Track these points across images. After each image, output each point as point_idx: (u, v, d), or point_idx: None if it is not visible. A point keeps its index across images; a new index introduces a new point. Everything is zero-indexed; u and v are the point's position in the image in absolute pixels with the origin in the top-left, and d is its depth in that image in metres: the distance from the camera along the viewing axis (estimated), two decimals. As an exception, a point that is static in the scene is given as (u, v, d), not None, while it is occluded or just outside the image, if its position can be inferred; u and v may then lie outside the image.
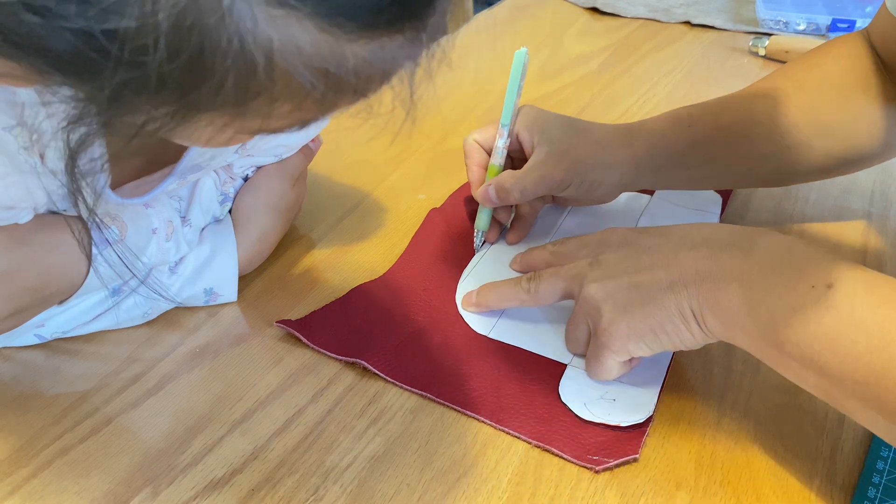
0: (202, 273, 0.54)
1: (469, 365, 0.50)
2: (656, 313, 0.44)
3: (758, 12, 1.06)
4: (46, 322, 0.50)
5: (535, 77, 0.92)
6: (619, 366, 0.47)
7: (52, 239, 0.46)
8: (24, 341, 0.51)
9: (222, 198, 0.57)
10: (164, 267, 0.52)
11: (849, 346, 0.38)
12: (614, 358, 0.46)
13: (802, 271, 0.40)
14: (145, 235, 0.50)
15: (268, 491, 0.42)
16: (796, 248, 0.42)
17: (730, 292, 0.41)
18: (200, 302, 0.55)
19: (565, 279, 0.49)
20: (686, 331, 0.44)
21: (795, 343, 0.39)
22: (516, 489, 0.43)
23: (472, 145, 0.62)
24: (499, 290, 0.53)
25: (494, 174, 0.59)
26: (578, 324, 0.48)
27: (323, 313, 0.54)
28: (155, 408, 0.47)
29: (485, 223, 0.60)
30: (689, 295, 0.43)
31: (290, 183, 0.59)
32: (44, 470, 0.43)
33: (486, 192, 0.58)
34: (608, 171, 0.58)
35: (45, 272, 0.46)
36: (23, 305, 0.47)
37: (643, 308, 0.44)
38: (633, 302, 0.44)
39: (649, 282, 0.44)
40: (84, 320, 0.51)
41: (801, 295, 0.39)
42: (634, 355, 0.46)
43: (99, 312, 0.51)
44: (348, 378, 0.50)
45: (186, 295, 0.54)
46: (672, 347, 0.45)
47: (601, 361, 0.47)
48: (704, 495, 0.43)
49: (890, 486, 0.43)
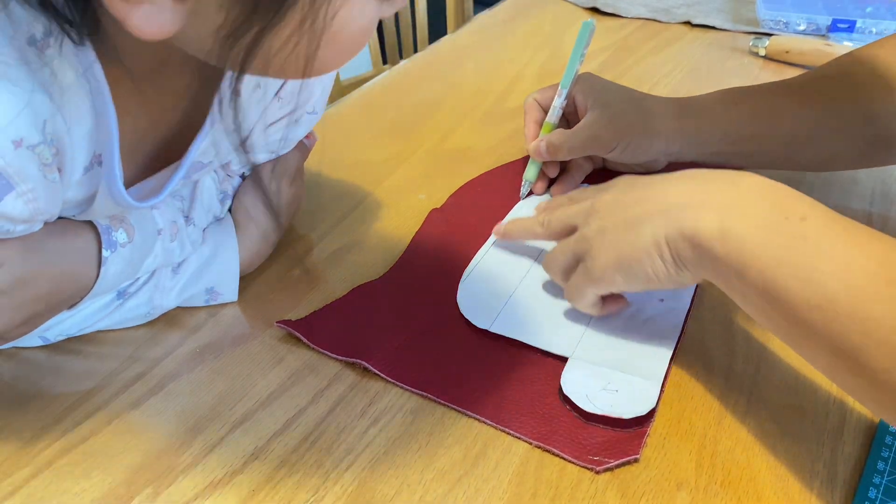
0: (203, 273, 0.54)
1: (469, 365, 0.50)
2: (634, 242, 0.45)
3: (758, 12, 1.06)
4: (52, 326, 0.50)
5: (536, 77, 0.92)
6: (594, 299, 0.50)
7: (64, 245, 0.46)
8: (28, 343, 0.51)
9: (222, 196, 0.57)
10: (167, 268, 0.52)
11: (810, 272, 0.38)
12: (593, 289, 0.49)
13: (779, 204, 0.42)
14: (151, 237, 0.50)
15: (268, 491, 0.42)
16: (779, 186, 0.43)
17: (706, 219, 0.42)
18: (201, 302, 0.55)
19: (572, 215, 0.51)
20: (659, 260, 0.44)
21: (760, 270, 0.40)
22: (517, 489, 0.43)
23: (532, 103, 0.68)
24: (521, 224, 0.58)
25: (548, 131, 0.65)
26: (566, 251, 0.50)
27: (323, 313, 0.54)
28: (156, 408, 0.47)
29: (533, 175, 0.66)
30: (666, 223, 0.44)
31: (287, 181, 0.60)
32: (44, 470, 0.43)
33: (538, 146, 0.64)
34: (654, 139, 0.63)
35: (57, 278, 0.46)
36: (36, 312, 0.47)
37: (624, 238, 0.46)
38: (619, 234, 0.46)
39: (635, 215, 0.46)
40: (89, 323, 0.51)
41: (773, 224, 0.41)
42: (612, 288, 0.48)
43: (104, 315, 0.51)
44: (349, 378, 0.50)
45: (188, 294, 0.54)
46: (645, 280, 0.46)
47: (581, 290, 0.50)
48: (705, 496, 0.43)
49: (891, 487, 0.43)
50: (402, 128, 0.80)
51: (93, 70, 0.39)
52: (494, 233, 0.60)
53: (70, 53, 0.38)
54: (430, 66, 0.95)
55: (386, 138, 0.78)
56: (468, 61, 0.96)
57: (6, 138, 0.36)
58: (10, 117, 0.36)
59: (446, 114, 0.83)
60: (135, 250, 0.49)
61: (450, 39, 1.04)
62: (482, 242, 0.61)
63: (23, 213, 0.39)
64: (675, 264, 0.44)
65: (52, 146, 0.39)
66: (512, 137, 0.78)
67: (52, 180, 0.40)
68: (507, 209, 0.65)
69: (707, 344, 0.52)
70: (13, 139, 0.36)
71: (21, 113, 0.36)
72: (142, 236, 0.49)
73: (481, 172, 0.71)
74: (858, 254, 0.38)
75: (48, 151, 0.38)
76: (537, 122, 0.67)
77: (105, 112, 0.41)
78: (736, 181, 0.44)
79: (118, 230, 0.48)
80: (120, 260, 0.48)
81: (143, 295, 0.52)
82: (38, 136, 0.37)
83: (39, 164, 0.38)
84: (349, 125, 0.81)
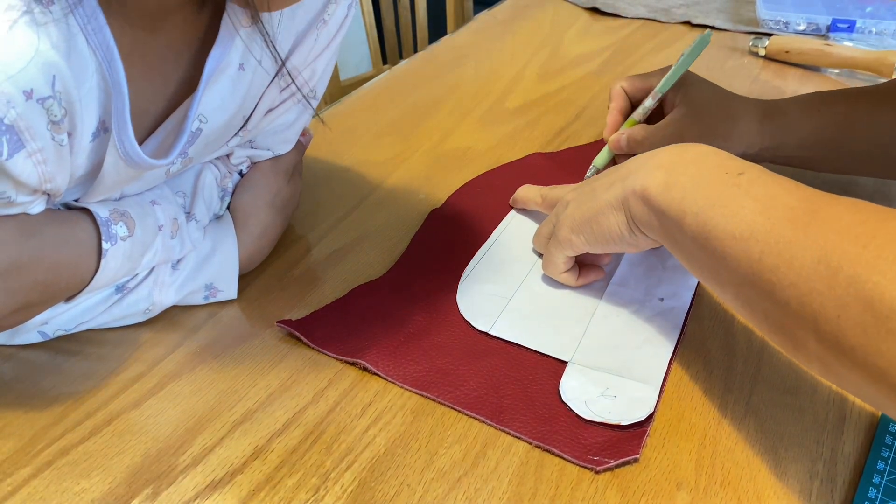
0: (203, 268, 0.54)
1: (469, 365, 0.50)
2: (595, 206, 0.50)
3: (758, 12, 1.06)
4: (50, 320, 0.50)
5: (535, 77, 0.92)
6: (565, 265, 0.54)
7: (63, 233, 0.46)
8: (26, 339, 0.51)
9: (222, 193, 0.57)
10: (166, 264, 0.52)
11: (737, 209, 0.41)
12: (559, 251, 0.54)
13: (721, 164, 0.45)
14: (151, 232, 0.50)
15: (268, 491, 0.42)
16: (723, 153, 0.47)
17: (654, 175, 0.46)
18: (200, 299, 0.55)
19: (566, 191, 0.56)
20: (615, 221, 0.49)
21: (696, 213, 0.43)
22: (517, 489, 0.43)
23: (619, 91, 0.68)
24: (526, 192, 0.64)
25: (631, 125, 0.65)
26: (548, 222, 0.56)
27: (323, 313, 0.54)
28: (155, 408, 0.47)
29: (602, 163, 0.67)
30: (623, 186, 0.48)
31: (285, 178, 0.60)
32: (44, 470, 0.43)
33: (619, 139, 0.65)
34: (735, 142, 0.64)
35: (54, 267, 0.46)
36: (31, 300, 0.46)
37: (588, 204, 0.51)
38: (583, 201, 0.52)
39: (600, 184, 0.51)
40: (88, 318, 0.51)
41: (713, 177, 0.44)
42: (576, 248, 0.53)
43: (103, 309, 0.51)
44: (348, 378, 0.50)
45: (187, 291, 0.54)
46: (604, 241, 0.50)
47: (552, 255, 0.55)
48: (705, 496, 0.43)
49: (890, 487, 0.43)
50: (402, 128, 0.80)
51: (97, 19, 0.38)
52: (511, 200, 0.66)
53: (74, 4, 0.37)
54: (430, 66, 0.95)
55: (386, 138, 0.78)
56: (468, 61, 0.96)
57: (17, 87, 0.35)
58: (19, 65, 0.35)
59: (446, 114, 0.83)
60: (135, 244, 0.49)
61: (450, 39, 1.04)
62: (482, 242, 0.61)
63: (31, 176, 0.38)
64: (627, 224, 0.48)
65: (62, 104, 0.38)
66: (512, 137, 0.78)
67: (60, 142, 0.39)
68: (506, 209, 0.65)
69: (707, 344, 0.52)
70: (24, 89, 0.35)
71: (31, 62, 0.35)
72: (142, 230, 0.49)
73: (481, 172, 0.71)
74: (783, 193, 0.41)
75: (58, 108, 0.37)
76: (621, 111, 0.67)
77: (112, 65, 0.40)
78: (685, 148, 0.48)
79: (118, 223, 0.48)
80: (120, 254, 0.48)
81: (142, 290, 0.52)
82: (47, 89, 0.36)
83: (48, 121, 0.37)
84: (349, 125, 0.81)
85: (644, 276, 0.57)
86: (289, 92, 0.57)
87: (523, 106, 0.84)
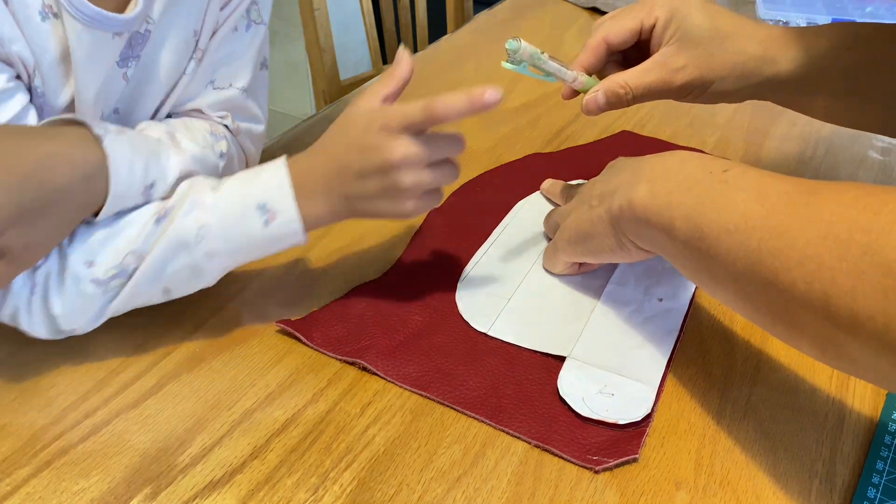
0: (248, 185, 0.49)
1: (469, 365, 0.50)
2: (588, 221, 0.51)
3: (758, 12, 1.06)
4: (95, 257, 0.46)
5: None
6: (565, 266, 0.56)
7: (45, 130, 0.45)
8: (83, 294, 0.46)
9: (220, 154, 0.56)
10: (203, 187, 0.49)
11: (727, 202, 0.41)
12: (562, 256, 0.56)
13: (703, 165, 0.45)
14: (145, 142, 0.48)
15: (267, 491, 0.42)
16: (705, 156, 0.47)
17: (638, 189, 0.46)
18: (258, 225, 0.48)
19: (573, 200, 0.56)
20: (606, 237, 0.50)
21: (685, 216, 0.43)
22: (516, 489, 0.43)
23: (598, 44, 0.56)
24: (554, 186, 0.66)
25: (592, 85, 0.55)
26: (554, 214, 0.59)
27: (323, 313, 0.54)
28: (155, 408, 0.47)
29: None
30: (609, 204, 0.49)
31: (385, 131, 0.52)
32: (43, 470, 0.43)
33: (594, 99, 0.54)
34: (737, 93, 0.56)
35: (44, 159, 0.42)
36: (27, 198, 0.42)
37: (584, 216, 0.52)
38: (581, 213, 0.52)
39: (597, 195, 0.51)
40: (134, 248, 0.47)
41: (697, 178, 0.44)
42: (576, 258, 0.55)
43: (151, 241, 0.47)
44: (348, 378, 0.50)
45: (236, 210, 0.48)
46: (599, 255, 0.52)
47: (553, 255, 0.57)
48: (704, 495, 0.43)
49: (890, 487, 0.43)
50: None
51: None
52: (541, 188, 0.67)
53: None
54: (430, 66, 0.95)
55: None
56: (468, 61, 0.96)
57: None
58: None
59: (446, 114, 0.83)
60: (135, 139, 0.47)
61: (450, 39, 1.04)
62: (482, 242, 0.61)
63: None
64: (618, 240, 0.49)
65: None
66: (512, 137, 0.78)
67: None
68: (506, 209, 0.65)
69: (707, 344, 0.52)
70: None
71: None
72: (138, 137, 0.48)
73: (481, 172, 0.71)
74: (774, 181, 0.41)
75: None
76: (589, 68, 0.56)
77: None
78: (664, 157, 0.48)
79: (105, 125, 0.46)
80: (125, 143, 0.45)
81: (187, 220, 0.47)
82: None
83: None
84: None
85: (643, 276, 0.57)
86: (230, 9, 0.56)
87: (523, 106, 0.84)
